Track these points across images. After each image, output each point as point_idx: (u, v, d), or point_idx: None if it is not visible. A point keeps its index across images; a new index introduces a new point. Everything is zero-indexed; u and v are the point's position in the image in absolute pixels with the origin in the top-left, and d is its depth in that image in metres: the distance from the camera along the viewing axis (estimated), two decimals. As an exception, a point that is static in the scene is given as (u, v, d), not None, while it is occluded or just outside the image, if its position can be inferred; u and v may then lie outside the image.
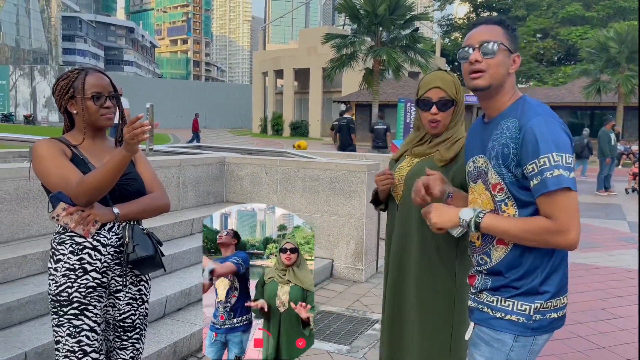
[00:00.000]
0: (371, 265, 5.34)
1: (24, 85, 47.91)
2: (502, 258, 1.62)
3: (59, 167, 1.90)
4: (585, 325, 4.13)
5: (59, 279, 1.91)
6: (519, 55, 1.64)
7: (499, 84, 1.62)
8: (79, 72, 2.01)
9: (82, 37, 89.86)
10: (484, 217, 1.59)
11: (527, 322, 1.58)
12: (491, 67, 1.60)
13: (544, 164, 1.47)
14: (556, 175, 1.46)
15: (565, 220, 1.47)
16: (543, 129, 1.49)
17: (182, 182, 5.28)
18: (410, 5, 21.42)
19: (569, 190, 1.47)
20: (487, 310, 1.64)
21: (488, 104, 1.67)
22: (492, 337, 1.63)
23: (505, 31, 1.64)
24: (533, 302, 1.58)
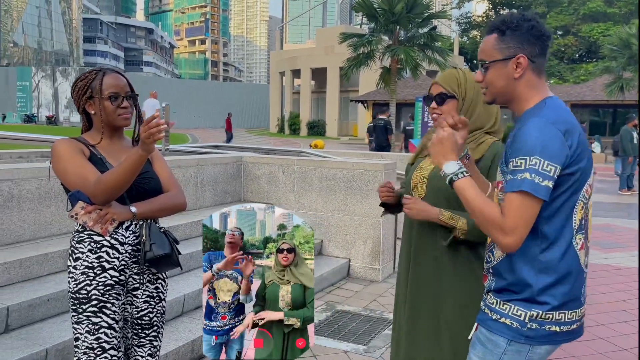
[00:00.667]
0: (388, 264, 5.32)
1: (46, 87, 48.79)
2: (503, 257, 1.60)
3: (77, 167, 1.93)
4: (607, 327, 4.06)
5: (78, 277, 1.94)
6: (523, 56, 1.56)
7: (502, 95, 1.62)
8: (97, 73, 2.04)
9: (103, 38, 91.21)
10: (461, 178, 1.57)
11: (521, 329, 1.54)
12: (489, 84, 1.63)
13: (519, 165, 1.45)
14: (522, 179, 1.44)
15: (511, 223, 1.45)
16: (533, 131, 1.46)
17: (200, 181, 5.32)
18: (428, 3, 21.28)
19: (527, 195, 1.43)
20: (487, 311, 1.63)
21: (513, 110, 1.67)
22: (487, 337, 1.61)
23: (499, 37, 1.59)
24: (530, 310, 1.53)
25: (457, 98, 2.06)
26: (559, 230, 1.52)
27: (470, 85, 2.07)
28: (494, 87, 1.61)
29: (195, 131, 39.85)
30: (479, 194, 1.54)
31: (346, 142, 32.10)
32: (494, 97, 1.65)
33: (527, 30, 1.56)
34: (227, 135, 23.52)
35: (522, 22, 1.57)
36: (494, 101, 1.67)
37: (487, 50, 1.61)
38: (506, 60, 1.57)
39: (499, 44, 1.59)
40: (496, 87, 1.61)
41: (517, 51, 1.56)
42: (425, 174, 2.11)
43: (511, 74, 1.58)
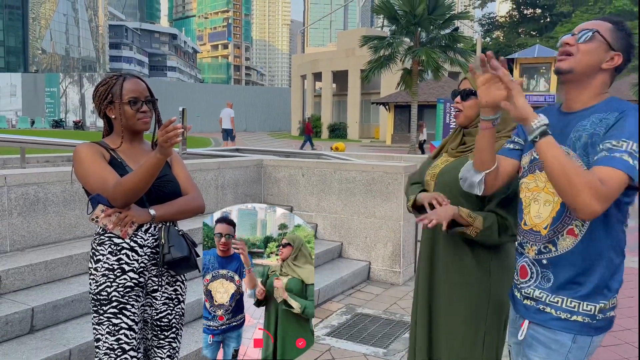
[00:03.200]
0: (409, 267, 5.28)
1: (74, 92, 49.84)
2: (570, 248, 1.58)
3: (98, 170, 1.96)
4: (634, 332, 3.96)
5: (98, 279, 1.98)
6: (621, 56, 1.58)
7: (582, 71, 1.59)
8: (117, 78, 2.08)
9: (128, 44, 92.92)
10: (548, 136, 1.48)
11: (592, 322, 1.56)
12: (580, 52, 1.58)
13: (620, 146, 1.46)
14: (626, 160, 1.44)
15: (608, 191, 1.43)
16: (634, 120, 1.49)
17: (221, 184, 5.37)
18: (450, 4, 21.13)
19: (622, 173, 1.44)
20: (550, 310, 1.61)
21: (570, 93, 1.63)
22: (549, 338, 1.60)
23: (614, 28, 1.60)
24: (598, 302, 1.56)
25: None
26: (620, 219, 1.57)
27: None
28: (584, 58, 1.58)
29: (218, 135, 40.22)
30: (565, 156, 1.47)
31: (367, 144, 32.03)
32: (573, 66, 1.59)
33: (631, 46, 1.61)
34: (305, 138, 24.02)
35: (632, 36, 1.62)
36: (570, 71, 1.59)
37: (602, 28, 1.60)
38: (610, 47, 1.58)
39: (614, 32, 1.60)
40: (585, 60, 1.58)
41: (620, 50, 1.59)
42: (436, 171, 2.15)
43: (603, 61, 1.59)
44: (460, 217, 1.97)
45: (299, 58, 44.51)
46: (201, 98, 50.79)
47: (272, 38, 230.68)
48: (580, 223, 1.56)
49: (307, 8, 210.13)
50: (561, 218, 1.60)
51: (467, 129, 2.13)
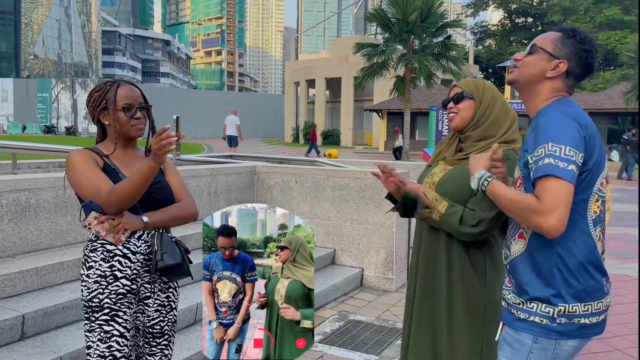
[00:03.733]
0: (401, 274, 5.29)
1: (66, 98, 49.64)
2: (521, 252, 1.63)
3: (91, 177, 1.96)
4: (624, 338, 3.98)
5: (90, 285, 1.97)
6: (565, 63, 1.63)
7: (526, 81, 1.69)
8: (111, 84, 2.08)
9: (121, 50, 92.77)
10: (490, 183, 1.64)
11: (550, 325, 1.56)
12: (522, 65, 1.70)
13: (540, 154, 1.50)
14: (546, 164, 1.47)
15: (548, 203, 1.46)
16: (550, 121, 1.53)
17: (214, 190, 5.36)
18: (442, 12, 21.27)
19: (557, 178, 1.46)
20: (514, 311, 1.64)
21: (524, 101, 1.73)
22: (513, 337, 1.63)
23: (561, 37, 1.67)
24: (556, 305, 1.55)
25: (474, 99, 2.10)
26: (574, 222, 1.55)
27: (488, 90, 2.12)
28: (526, 69, 1.68)
29: (211, 141, 40.15)
30: (509, 189, 1.61)
31: (361, 151, 32.10)
32: (518, 77, 1.71)
33: (585, 50, 1.64)
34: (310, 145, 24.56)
35: (587, 42, 1.65)
36: (515, 82, 1.72)
37: (544, 39, 1.70)
38: (552, 56, 1.65)
39: (558, 41, 1.67)
40: (527, 70, 1.68)
41: (565, 57, 1.64)
42: (435, 180, 2.14)
43: (546, 70, 1.65)
44: (425, 198, 2.03)
45: (293, 65, 44.60)
46: (194, 104, 50.72)
47: (266, 45, 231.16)
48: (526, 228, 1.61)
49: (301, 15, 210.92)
50: (512, 222, 1.70)
51: (462, 133, 2.13)
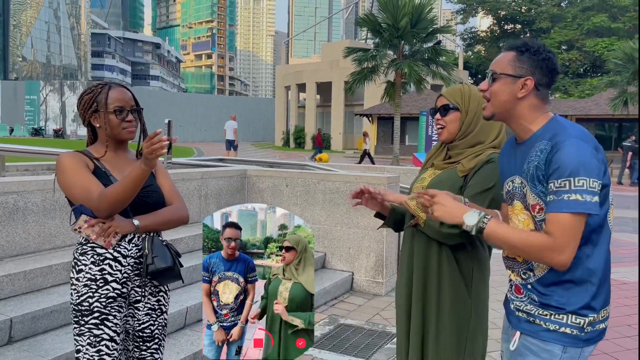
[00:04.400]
0: (391, 278, 5.31)
1: (54, 100, 49.28)
2: (546, 272, 1.64)
3: (81, 180, 1.95)
4: (612, 342, 4.03)
5: (80, 289, 1.96)
6: (530, 79, 1.63)
7: (502, 110, 1.68)
8: (103, 86, 2.07)
9: (111, 53, 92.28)
10: (488, 223, 1.61)
11: (580, 335, 1.61)
12: (492, 95, 1.69)
13: (563, 186, 1.51)
14: (573, 200, 1.49)
15: (562, 241, 1.51)
16: (572, 152, 1.52)
17: (204, 194, 5.35)
18: (432, 18, 21.42)
19: (580, 215, 1.50)
20: (540, 322, 1.65)
21: (511, 127, 1.73)
22: (540, 347, 1.65)
23: (516, 56, 1.66)
24: (587, 316, 1.60)
25: (460, 110, 2.10)
26: (600, 236, 1.61)
27: (474, 99, 2.12)
28: (497, 99, 1.67)
29: (201, 144, 40.01)
30: (511, 229, 1.62)
31: (351, 155, 32.16)
32: (493, 111, 1.70)
33: (543, 60, 1.64)
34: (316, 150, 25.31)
35: (542, 51, 1.65)
36: (493, 116, 1.72)
37: (502, 63, 1.68)
38: (515, 77, 1.64)
39: (514, 61, 1.66)
40: (498, 100, 1.67)
41: (528, 73, 1.64)
42: (424, 184, 2.16)
43: (516, 92, 1.65)
44: (408, 206, 2.06)
45: (283, 69, 44.63)
46: (184, 107, 50.58)
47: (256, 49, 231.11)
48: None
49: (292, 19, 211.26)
50: None
51: (451, 143, 2.15)
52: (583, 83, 44.91)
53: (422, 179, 2.19)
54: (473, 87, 2.18)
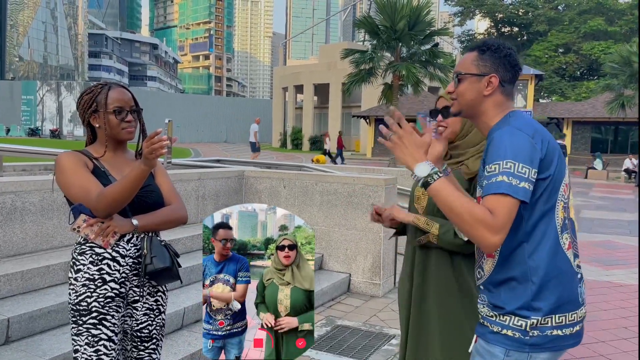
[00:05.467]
0: (389, 280, 5.31)
1: (51, 100, 49.14)
2: (492, 271, 1.63)
3: (80, 179, 1.95)
4: (608, 344, 4.04)
5: (78, 289, 1.95)
6: (495, 76, 1.65)
7: (468, 107, 1.70)
8: (102, 86, 2.07)
9: (108, 53, 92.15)
10: (437, 180, 1.53)
11: (523, 338, 1.56)
12: (459, 95, 1.70)
13: (493, 170, 1.50)
14: (498, 181, 1.47)
15: (501, 222, 1.45)
16: (504, 138, 1.52)
17: (202, 195, 5.35)
18: (430, 20, 21.47)
19: (506, 197, 1.46)
20: (487, 324, 1.64)
21: (477, 126, 1.75)
22: (485, 349, 1.63)
23: (478, 55, 1.68)
24: (528, 318, 1.55)
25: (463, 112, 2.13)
26: (543, 232, 1.56)
27: None
28: (464, 98, 1.69)
29: (198, 145, 39.98)
30: (460, 194, 1.53)
31: (348, 157, 32.17)
32: (461, 108, 1.72)
33: (505, 56, 1.66)
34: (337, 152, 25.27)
35: (502, 48, 1.67)
36: (460, 112, 1.73)
37: (465, 64, 1.70)
38: (480, 76, 1.66)
39: (477, 60, 1.68)
40: (465, 99, 1.69)
41: (492, 71, 1.66)
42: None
43: (482, 90, 1.66)
44: (418, 224, 2.05)
45: (281, 70, 44.64)
46: (182, 108, 50.52)
47: (254, 50, 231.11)
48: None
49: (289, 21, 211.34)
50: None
51: (451, 143, 2.16)
52: (580, 86, 45.07)
53: None
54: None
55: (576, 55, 46.05)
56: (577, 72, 48.27)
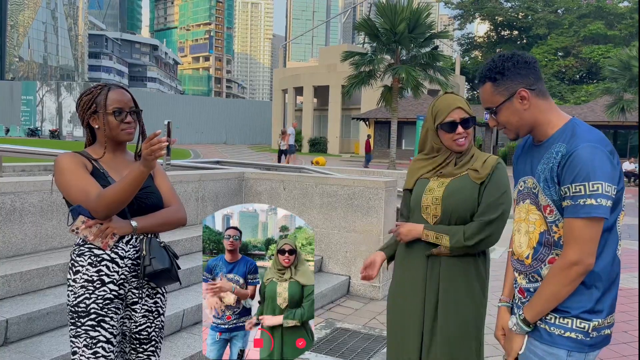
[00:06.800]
0: (388, 282, 5.29)
1: (51, 101, 49.09)
2: None
3: (80, 181, 1.94)
4: (607, 349, 4.03)
5: (77, 290, 1.95)
6: (523, 89, 1.64)
7: (521, 128, 1.70)
8: (102, 88, 2.07)
9: (108, 54, 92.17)
10: (524, 314, 1.67)
11: (585, 339, 1.61)
12: (505, 124, 1.72)
13: (579, 191, 1.52)
14: (588, 204, 1.51)
15: (585, 245, 1.53)
16: (587, 156, 1.53)
17: (202, 196, 5.34)
18: (430, 23, 21.48)
19: (595, 220, 1.52)
20: (545, 326, 1.66)
21: (533, 135, 1.74)
22: (546, 351, 1.65)
23: (493, 85, 1.69)
24: (591, 320, 1.60)
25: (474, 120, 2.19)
26: (607, 240, 1.62)
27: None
28: (511, 124, 1.70)
29: (198, 147, 39.97)
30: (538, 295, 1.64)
31: (347, 159, 32.18)
32: (516, 133, 1.72)
33: (514, 67, 1.66)
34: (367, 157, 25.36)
35: (506, 63, 1.67)
36: (517, 136, 1.74)
37: (489, 98, 1.71)
38: (510, 99, 1.66)
39: (496, 89, 1.68)
40: (513, 124, 1.70)
41: (516, 87, 1.65)
42: (438, 195, 2.14)
43: (520, 108, 1.66)
44: (427, 239, 2.10)
45: (281, 72, 44.66)
46: (181, 109, 50.50)
47: (254, 51, 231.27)
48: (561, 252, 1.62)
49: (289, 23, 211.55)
50: (540, 249, 1.68)
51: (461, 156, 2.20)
52: (579, 89, 45.12)
53: (430, 189, 2.17)
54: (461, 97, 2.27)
55: (576, 59, 46.11)
56: (576, 75, 48.32)
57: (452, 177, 2.14)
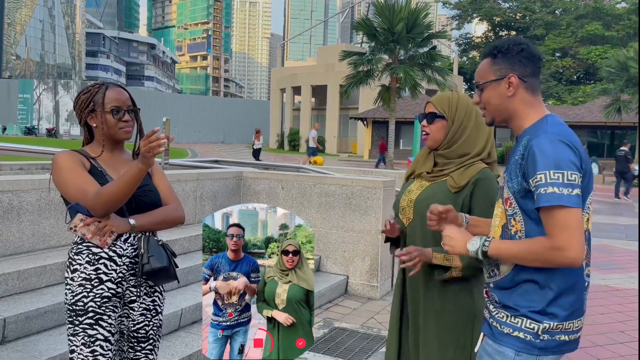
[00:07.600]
0: (386, 282, 5.30)
1: (48, 99, 48.97)
2: (509, 272, 1.63)
3: (77, 179, 1.94)
4: (605, 348, 4.04)
5: (75, 289, 1.94)
6: (514, 75, 1.64)
7: (498, 114, 1.71)
8: (100, 86, 2.06)
9: (105, 52, 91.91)
10: (489, 245, 1.61)
11: (534, 341, 1.58)
12: (485, 103, 1.72)
13: (540, 180, 1.49)
14: (550, 192, 1.47)
15: (561, 238, 1.46)
16: (545, 146, 1.51)
17: (200, 195, 5.33)
18: (428, 23, 21.48)
19: (564, 208, 1.46)
20: (496, 324, 1.65)
21: (510, 126, 1.73)
22: (495, 349, 1.64)
23: (491, 60, 1.69)
24: (542, 322, 1.57)
25: (447, 118, 2.10)
26: None
27: (462, 107, 2.11)
28: (490, 105, 1.70)
29: (195, 146, 39.93)
30: (513, 242, 1.59)
31: (345, 159, 32.18)
32: (492, 117, 1.73)
33: (518, 53, 1.66)
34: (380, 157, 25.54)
35: (513, 46, 1.67)
36: (493, 121, 1.74)
37: (482, 73, 1.72)
38: (498, 80, 1.67)
39: (491, 66, 1.69)
40: (492, 106, 1.70)
41: (508, 72, 1.66)
42: (412, 197, 2.13)
43: (504, 93, 1.67)
44: (437, 261, 2.01)
45: (279, 71, 44.63)
46: (179, 108, 50.43)
47: (252, 51, 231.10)
48: None
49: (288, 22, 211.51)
50: None
51: (437, 150, 2.15)
52: (576, 90, 45.21)
53: (409, 190, 2.17)
54: (463, 95, 2.17)
55: (573, 60, 46.20)
56: (573, 76, 48.41)
57: (432, 181, 2.11)
